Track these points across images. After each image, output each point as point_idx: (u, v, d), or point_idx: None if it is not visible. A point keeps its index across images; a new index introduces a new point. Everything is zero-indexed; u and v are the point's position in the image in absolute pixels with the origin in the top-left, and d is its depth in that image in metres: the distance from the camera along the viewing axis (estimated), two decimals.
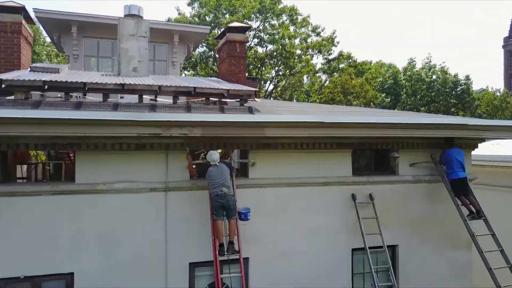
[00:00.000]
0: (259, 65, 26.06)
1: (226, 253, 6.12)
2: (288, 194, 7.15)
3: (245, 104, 7.57)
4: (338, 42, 28.61)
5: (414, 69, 35.45)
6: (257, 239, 6.93)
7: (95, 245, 6.18)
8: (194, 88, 6.96)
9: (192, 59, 25.50)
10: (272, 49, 26.20)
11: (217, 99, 7.48)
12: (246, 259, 6.82)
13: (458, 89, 33.34)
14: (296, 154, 7.23)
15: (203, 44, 25.36)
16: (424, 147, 7.99)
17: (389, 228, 7.64)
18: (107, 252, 6.22)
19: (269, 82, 28.14)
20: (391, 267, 7.28)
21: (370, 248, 7.20)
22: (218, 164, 6.31)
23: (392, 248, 7.83)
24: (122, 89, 6.66)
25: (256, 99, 8.33)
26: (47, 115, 5.36)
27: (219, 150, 7.23)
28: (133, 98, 7.35)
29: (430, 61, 36.00)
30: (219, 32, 24.37)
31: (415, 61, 36.72)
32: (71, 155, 7.51)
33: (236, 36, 9.70)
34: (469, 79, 33.77)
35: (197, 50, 25.35)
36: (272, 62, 26.60)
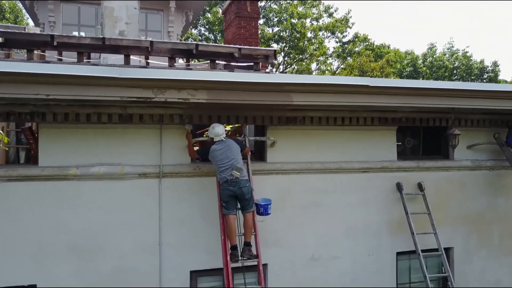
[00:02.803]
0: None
1: (240, 258, 4.91)
2: (317, 182, 6.03)
3: (260, 70, 6.33)
4: (353, 24, 27.38)
5: (435, 55, 34.17)
6: (277, 240, 5.82)
7: (67, 252, 4.97)
8: (197, 45, 5.74)
9: (190, 39, 24.24)
10: (280, 29, 24.93)
11: (224, 63, 6.23)
12: (265, 266, 5.72)
13: (485, 77, 32.11)
14: (328, 131, 6.08)
15: (202, 24, 24.11)
16: (486, 125, 6.86)
17: (441, 227, 6.55)
18: (84, 261, 5.02)
19: (275, 68, 26.86)
20: (451, 275, 6.07)
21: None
22: (224, 139, 5.09)
23: (446, 251, 6.66)
24: (103, 44, 5.44)
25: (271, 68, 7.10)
26: None
27: (229, 126, 6.00)
28: (117, 60, 6.12)
29: (453, 46, 34.76)
30: (220, 9, 23.20)
31: (435, 46, 35.47)
32: (36, 133, 6.26)
33: None
34: (497, 66, 32.48)
35: (195, 30, 24.08)
36: (280, 46, 25.31)
